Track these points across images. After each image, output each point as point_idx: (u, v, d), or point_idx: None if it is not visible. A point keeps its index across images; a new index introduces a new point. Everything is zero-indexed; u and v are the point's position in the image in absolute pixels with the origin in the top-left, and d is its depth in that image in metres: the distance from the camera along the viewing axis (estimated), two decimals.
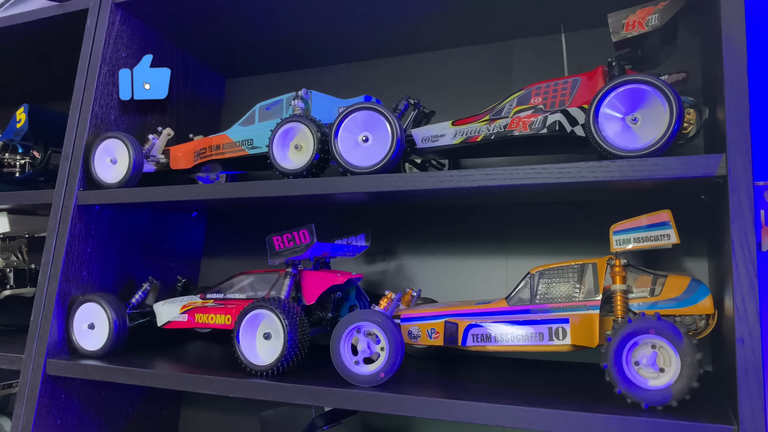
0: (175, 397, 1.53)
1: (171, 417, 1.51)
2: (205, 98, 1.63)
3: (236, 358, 1.04)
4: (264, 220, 1.56)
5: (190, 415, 1.53)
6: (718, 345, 0.91)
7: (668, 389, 0.79)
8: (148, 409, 1.44)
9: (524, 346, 0.93)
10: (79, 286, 1.26)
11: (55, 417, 1.21)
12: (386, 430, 1.31)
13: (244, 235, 1.58)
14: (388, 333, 0.94)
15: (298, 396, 0.96)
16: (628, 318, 0.83)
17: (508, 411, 0.83)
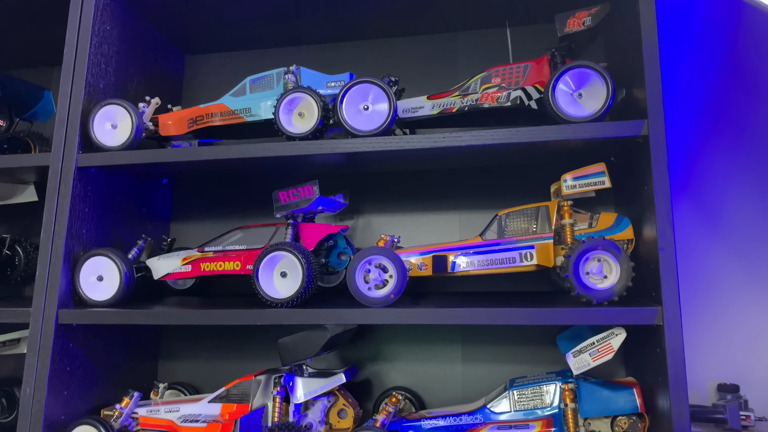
0: (154, 352, 1.63)
1: (150, 368, 1.61)
2: (168, 74, 1.73)
3: (255, 294, 1.21)
4: (228, 188, 1.69)
5: (165, 366, 1.64)
6: (638, 258, 1.22)
7: (611, 289, 1.10)
8: (134, 362, 1.53)
9: (500, 268, 1.21)
10: (80, 243, 1.34)
11: (65, 364, 1.29)
12: (360, 360, 1.53)
13: (210, 202, 1.71)
14: (395, 263, 1.17)
15: (324, 318, 1.16)
16: (583, 240, 1.13)
17: (495, 312, 1.10)
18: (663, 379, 1.05)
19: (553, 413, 1.17)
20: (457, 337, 1.51)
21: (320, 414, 1.30)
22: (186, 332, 1.65)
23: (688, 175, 1.63)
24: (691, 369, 1.61)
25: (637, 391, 1.16)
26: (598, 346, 1.12)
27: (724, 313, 1.60)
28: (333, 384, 1.27)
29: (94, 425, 1.24)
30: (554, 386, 1.19)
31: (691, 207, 1.63)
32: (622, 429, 1.16)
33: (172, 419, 1.31)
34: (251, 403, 1.28)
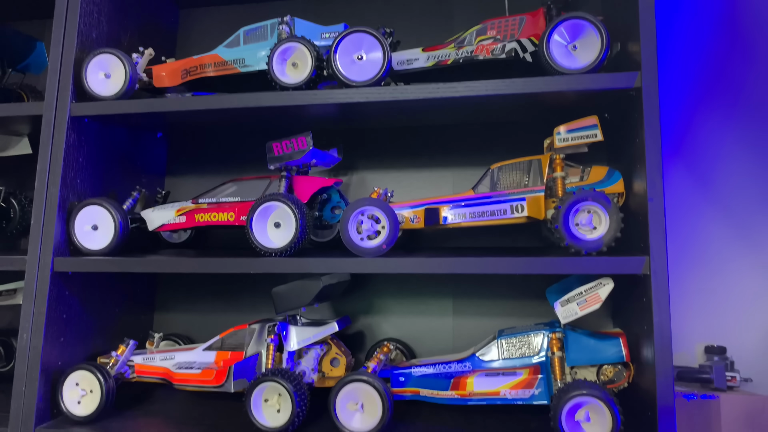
0: (149, 303, 1.65)
1: (146, 320, 1.63)
2: (162, 27, 1.71)
3: (250, 245, 1.23)
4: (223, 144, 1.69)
5: (160, 317, 1.66)
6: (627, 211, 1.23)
7: (600, 240, 1.11)
8: (130, 313, 1.55)
9: (491, 220, 1.22)
10: (75, 193, 1.34)
11: (61, 312, 1.31)
12: (353, 313, 1.55)
13: (204, 157, 1.71)
14: (387, 214, 1.18)
15: (316, 267, 1.18)
16: (573, 192, 1.14)
17: (484, 262, 1.11)
18: (648, 328, 1.07)
19: (541, 361, 1.20)
20: (448, 291, 1.53)
21: (313, 362, 1.33)
22: (181, 284, 1.67)
23: (682, 137, 1.64)
24: (680, 332, 1.64)
25: (623, 341, 1.18)
26: (585, 296, 1.14)
27: (714, 276, 1.62)
28: (326, 332, 1.29)
29: (91, 371, 1.26)
30: (542, 335, 1.21)
31: (684, 169, 1.64)
32: (608, 377, 1.19)
33: (167, 366, 1.33)
34: (245, 351, 1.30)
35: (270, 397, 1.19)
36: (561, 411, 1.07)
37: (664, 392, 1.04)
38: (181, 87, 1.48)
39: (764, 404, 1.55)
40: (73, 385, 1.26)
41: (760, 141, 1.61)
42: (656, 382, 1.04)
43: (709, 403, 1.60)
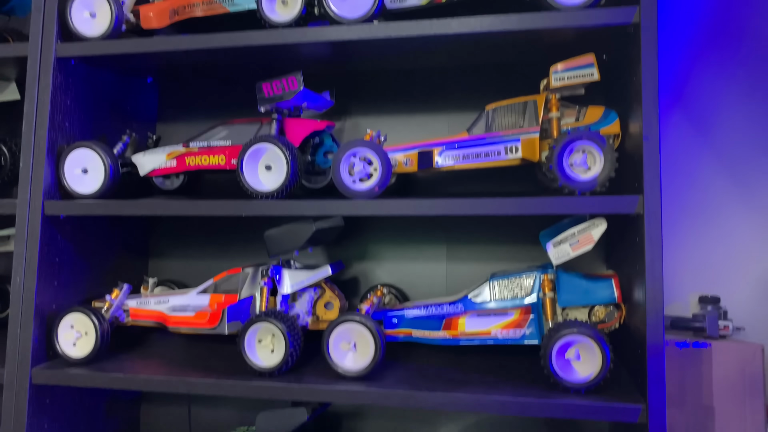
0: (143, 249, 1.65)
1: (141, 266, 1.64)
2: None
3: (242, 189, 1.21)
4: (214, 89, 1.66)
5: (155, 263, 1.67)
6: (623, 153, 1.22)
7: (594, 180, 1.10)
8: (124, 259, 1.55)
9: (486, 162, 1.21)
10: (63, 136, 1.32)
11: (54, 255, 1.30)
12: (347, 259, 1.55)
13: (196, 103, 1.68)
14: (380, 155, 1.17)
15: (308, 209, 1.17)
16: (568, 131, 1.12)
17: (476, 203, 1.11)
18: (640, 268, 1.07)
19: (532, 302, 1.20)
20: (442, 237, 1.52)
21: (307, 305, 1.33)
22: (175, 230, 1.66)
23: (683, 85, 1.61)
24: (673, 282, 1.65)
25: (615, 282, 1.18)
26: (578, 236, 1.14)
27: (709, 226, 1.62)
28: (319, 276, 1.29)
29: (85, 313, 1.26)
30: (534, 277, 1.21)
31: (683, 117, 1.62)
32: (599, 318, 1.20)
33: (161, 310, 1.34)
34: (239, 294, 1.31)
35: (264, 337, 1.20)
36: (551, 349, 1.08)
37: (654, 332, 1.04)
38: (170, 30, 1.44)
39: (756, 352, 1.57)
40: (68, 327, 1.27)
41: (762, 91, 1.58)
42: (647, 322, 1.04)
43: (701, 351, 1.62)
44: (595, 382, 1.07)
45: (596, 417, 1.04)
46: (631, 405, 1.03)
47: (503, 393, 1.09)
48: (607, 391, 1.09)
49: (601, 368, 1.07)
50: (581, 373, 1.09)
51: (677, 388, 1.63)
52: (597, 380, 1.07)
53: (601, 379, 1.07)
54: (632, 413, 1.03)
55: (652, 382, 1.03)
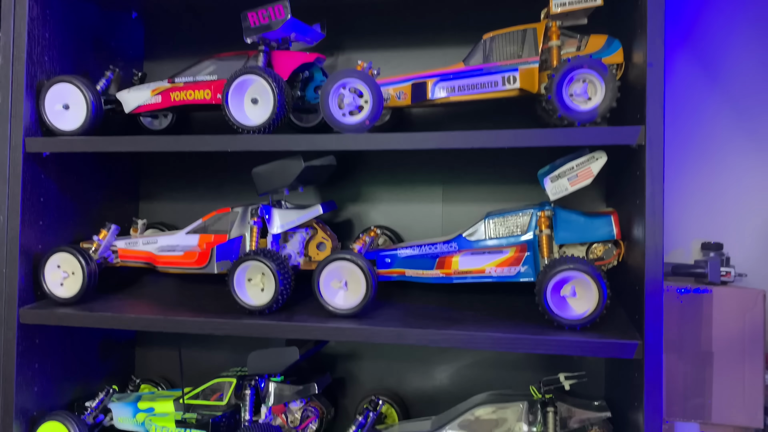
0: (133, 192, 1.61)
1: (131, 208, 1.60)
2: None
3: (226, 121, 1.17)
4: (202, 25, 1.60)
5: (145, 206, 1.63)
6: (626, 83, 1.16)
7: (595, 110, 1.05)
8: (113, 201, 1.52)
9: (482, 93, 1.15)
10: (43, 71, 1.27)
11: (38, 194, 1.27)
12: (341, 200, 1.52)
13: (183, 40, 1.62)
14: (371, 86, 1.12)
15: (296, 144, 1.13)
16: (568, 59, 1.06)
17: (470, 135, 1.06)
18: (640, 203, 1.03)
19: (528, 240, 1.17)
20: (438, 178, 1.48)
21: (299, 245, 1.30)
22: (165, 172, 1.62)
23: (689, 24, 1.54)
24: (676, 229, 1.62)
25: (614, 219, 1.15)
26: (577, 170, 1.10)
27: (713, 170, 1.58)
28: (310, 215, 1.26)
29: (72, 252, 1.24)
30: (530, 214, 1.18)
31: (692, 58, 1.56)
32: (597, 256, 1.16)
33: (150, 250, 1.31)
34: (229, 234, 1.28)
35: (253, 276, 1.18)
36: (546, 286, 1.05)
37: (653, 267, 1.01)
38: None
39: (756, 298, 1.54)
40: (54, 267, 1.25)
41: None
42: (645, 257, 1.01)
43: (702, 297, 1.59)
44: (591, 318, 1.05)
45: (591, 353, 1.02)
46: (627, 341, 1.01)
47: (496, 330, 1.06)
48: (603, 328, 1.07)
49: (597, 305, 1.04)
50: (577, 309, 1.06)
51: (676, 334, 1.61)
52: (593, 317, 1.05)
53: (597, 315, 1.04)
54: (628, 349, 1.01)
55: (649, 319, 1.00)
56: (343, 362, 1.50)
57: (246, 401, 1.26)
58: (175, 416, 1.28)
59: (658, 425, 0.99)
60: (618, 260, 1.17)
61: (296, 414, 1.28)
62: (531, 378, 1.27)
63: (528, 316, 1.14)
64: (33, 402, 1.26)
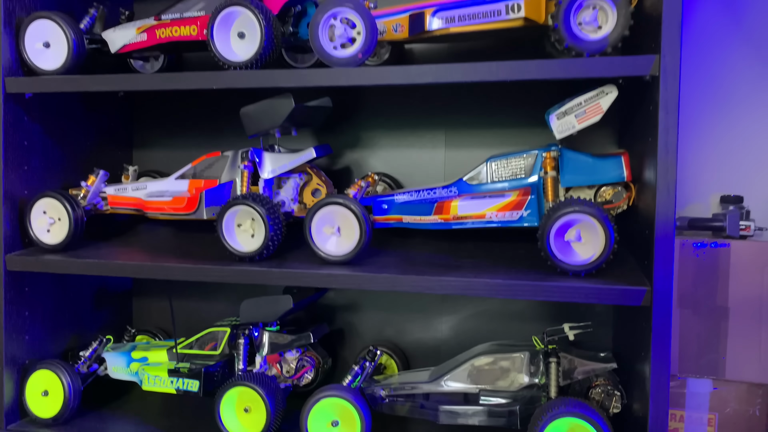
0: (126, 140, 1.56)
1: (125, 156, 1.55)
2: None
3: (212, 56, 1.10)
4: None
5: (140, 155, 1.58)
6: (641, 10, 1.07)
7: (605, 39, 0.97)
8: (106, 148, 1.47)
9: (484, 24, 1.07)
10: (23, 7, 1.21)
11: (21, 138, 1.23)
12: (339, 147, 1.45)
13: None
14: (364, 16, 1.04)
15: (285, 79, 1.07)
16: None
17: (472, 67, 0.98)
18: (653, 140, 0.96)
19: (532, 182, 1.10)
20: (440, 121, 1.40)
21: (292, 192, 1.25)
22: (159, 119, 1.56)
23: None
24: (695, 182, 1.54)
25: (624, 160, 1.07)
26: (585, 106, 1.02)
27: (733, 120, 1.48)
28: (302, 159, 1.20)
29: (57, 198, 1.20)
30: (535, 155, 1.11)
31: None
32: (606, 199, 1.09)
33: (139, 196, 1.27)
34: (219, 179, 1.23)
35: (243, 221, 1.13)
36: (550, 229, 0.99)
37: (664, 209, 0.94)
38: None
39: None
40: (40, 213, 1.21)
41: None
42: (656, 199, 0.94)
43: (719, 251, 1.52)
44: (597, 264, 0.98)
45: (596, 300, 0.96)
46: (634, 288, 0.95)
47: (495, 276, 1.01)
48: (610, 274, 1.01)
49: (603, 250, 0.98)
50: (582, 255, 1.00)
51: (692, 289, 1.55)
52: (599, 262, 0.98)
53: (603, 261, 0.98)
54: (635, 296, 0.95)
55: (659, 264, 0.93)
56: (343, 313, 1.46)
57: (240, 351, 1.23)
58: (168, 366, 1.25)
59: (665, 377, 0.93)
60: (628, 204, 1.10)
61: (292, 364, 1.24)
62: (537, 330, 1.22)
63: (531, 264, 1.08)
64: (24, 350, 1.24)
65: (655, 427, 0.94)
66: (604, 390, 1.11)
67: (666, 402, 0.94)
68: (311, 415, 1.09)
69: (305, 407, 1.10)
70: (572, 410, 0.99)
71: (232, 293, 1.50)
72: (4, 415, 1.19)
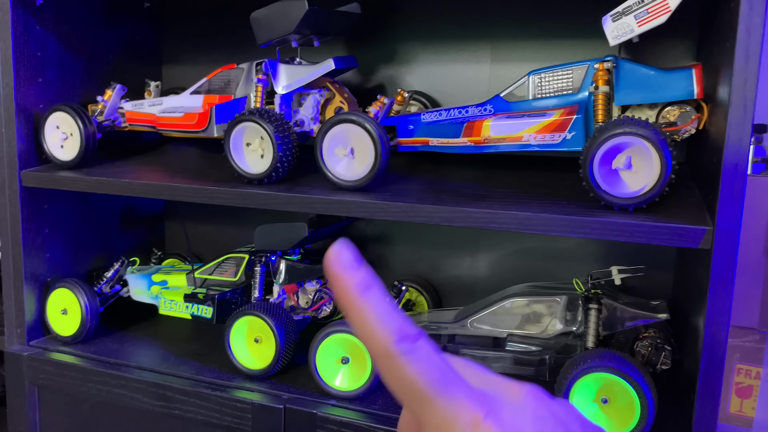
0: (155, 54, 1.49)
1: (153, 72, 1.48)
2: None
3: None
4: None
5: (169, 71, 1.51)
6: None
7: None
8: (129, 62, 1.40)
9: None
10: None
11: (35, 49, 1.17)
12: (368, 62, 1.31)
13: None
14: None
15: None
16: None
17: None
18: (730, 44, 0.77)
19: (579, 99, 0.93)
20: (485, 33, 1.23)
21: (312, 110, 1.14)
22: (188, 32, 1.47)
23: None
24: None
25: (696, 73, 0.88)
26: (648, 4, 0.83)
27: None
28: (320, 71, 1.08)
29: (68, 112, 1.14)
30: (585, 68, 0.93)
31: None
32: (669, 120, 0.91)
33: (153, 112, 1.19)
34: (234, 94, 1.13)
35: (252, 140, 1.03)
36: (594, 154, 0.83)
37: (736, 131, 0.76)
38: None
39: None
40: (53, 127, 1.16)
41: None
42: (728, 117, 0.76)
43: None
44: (648, 197, 0.82)
45: (642, 240, 0.80)
46: (691, 226, 0.78)
47: (525, 208, 0.87)
48: (666, 209, 0.84)
49: (657, 180, 0.81)
50: (631, 186, 0.84)
51: None
52: (650, 195, 0.82)
53: (656, 194, 0.82)
54: (693, 236, 0.79)
55: (725, 198, 0.76)
56: (373, 245, 1.37)
57: (257, 278, 1.16)
58: (185, 291, 1.21)
59: (723, 332, 0.78)
60: (697, 128, 0.91)
61: (310, 295, 1.17)
62: (586, 273, 1.08)
63: (575, 196, 0.93)
64: (45, 268, 1.23)
65: (705, 389, 0.80)
66: (653, 343, 0.97)
67: (721, 361, 0.79)
68: (320, 350, 1.02)
69: (314, 342, 1.02)
70: (606, 364, 0.86)
71: (263, 219, 1.44)
72: (27, 331, 1.19)
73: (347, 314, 0.32)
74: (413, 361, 0.30)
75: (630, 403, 0.86)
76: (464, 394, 0.30)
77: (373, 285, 0.31)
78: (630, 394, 0.85)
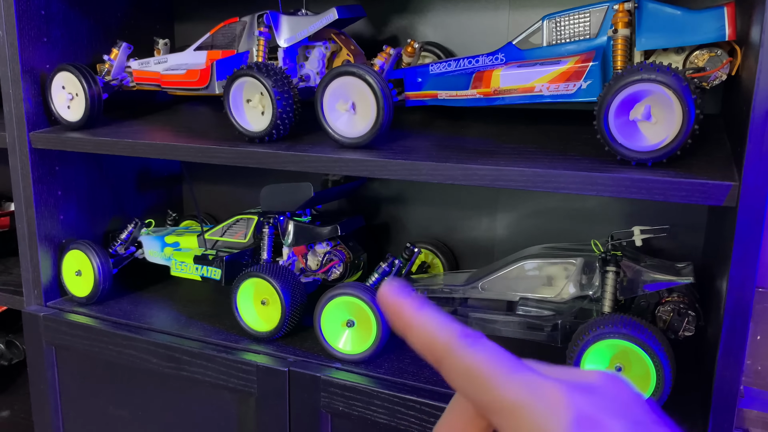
0: (167, 12, 1.45)
1: (165, 31, 1.45)
2: None
3: None
4: None
5: (181, 29, 1.47)
6: None
7: None
8: (140, 21, 1.37)
9: None
10: None
11: (38, 7, 1.14)
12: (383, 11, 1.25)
13: None
14: None
15: None
16: None
17: None
18: None
19: (598, 45, 0.85)
20: None
21: (318, 64, 1.09)
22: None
23: None
24: None
25: (729, 12, 0.79)
26: None
27: None
28: (323, 22, 1.02)
29: (72, 71, 1.12)
30: (604, 10, 0.85)
31: None
32: (698, 66, 0.83)
33: (158, 70, 1.16)
34: (237, 49, 1.09)
35: (252, 97, 0.99)
36: (609, 104, 0.76)
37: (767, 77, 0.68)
38: None
39: None
40: (59, 88, 1.15)
41: None
42: (758, 63, 0.68)
43: None
44: (668, 151, 0.75)
45: (661, 197, 0.74)
46: (715, 182, 0.71)
47: (533, 164, 0.81)
48: (688, 164, 0.77)
49: (679, 131, 0.74)
50: (651, 138, 0.77)
51: None
52: (671, 149, 0.75)
53: (678, 146, 0.75)
54: (717, 193, 0.72)
55: (752, 152, 0.69)
56: (389, 206, 1.32)
57: (265, 240, 1.14)
58: (195, 252, 1.19)
59: (748, 294, 0.71)
60: (729, 74, 0.83)
61: (319, 257, 1.14)
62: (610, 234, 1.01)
63: (588, 151, 0.86)
64: (60, 230, 1.23)
65: (726, 358, 0.74)
66: (675, 308, 0.90)
67: (746, 327, 0.73)
68: (324, 313, 0.99)
69: (319, 304, 1.00)
70: (620, 330, 0.80)
71: (280, 179, 1.41)
72: (43, 293, 1.21)
73: (406, 333, 0.32)
74: (481, 349, 0.30)
75: (646, 372, 0.80)
76: (538, 373, 0.30)
77: (427, 304, 0.32)
78: (645, 362, 0.80)
